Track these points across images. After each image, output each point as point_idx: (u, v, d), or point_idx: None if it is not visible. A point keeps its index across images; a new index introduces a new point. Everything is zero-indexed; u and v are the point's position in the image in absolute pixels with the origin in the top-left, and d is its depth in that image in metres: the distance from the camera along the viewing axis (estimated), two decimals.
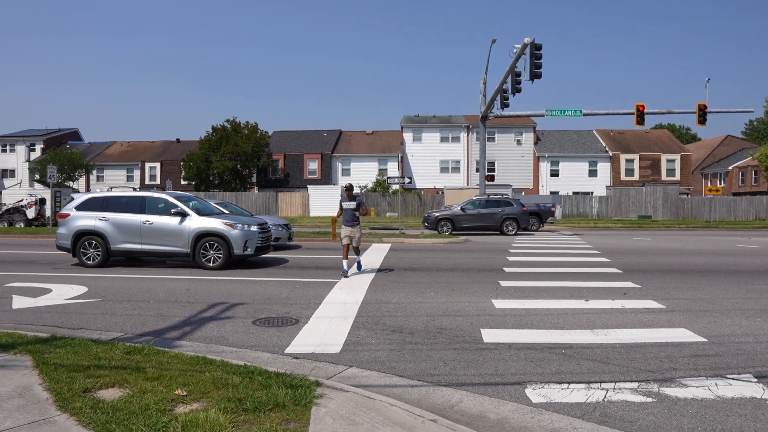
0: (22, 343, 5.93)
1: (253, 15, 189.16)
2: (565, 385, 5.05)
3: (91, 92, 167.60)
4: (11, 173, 59.80)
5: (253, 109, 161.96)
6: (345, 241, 11.76)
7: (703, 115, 29.91)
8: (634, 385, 5.05)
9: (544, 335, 6.84)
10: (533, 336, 6.80)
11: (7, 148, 60.24)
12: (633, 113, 30.09)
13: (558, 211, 42.97)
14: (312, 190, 45.44)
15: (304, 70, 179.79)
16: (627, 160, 51.51)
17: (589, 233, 27.20)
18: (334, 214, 45.14)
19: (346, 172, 52.73)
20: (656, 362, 5.73)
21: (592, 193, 49.48)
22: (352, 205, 11.89)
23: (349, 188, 12.18)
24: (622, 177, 51.19)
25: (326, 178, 51.84)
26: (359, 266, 12.31)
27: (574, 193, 49.49)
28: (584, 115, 31.18)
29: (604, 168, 51.81)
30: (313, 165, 52.36)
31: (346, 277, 11.33)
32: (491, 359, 5.89)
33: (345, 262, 11.74)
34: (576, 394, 4.85)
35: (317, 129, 58.79)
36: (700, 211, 43.05)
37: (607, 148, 52.25)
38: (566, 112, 31.21)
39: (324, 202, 44.57)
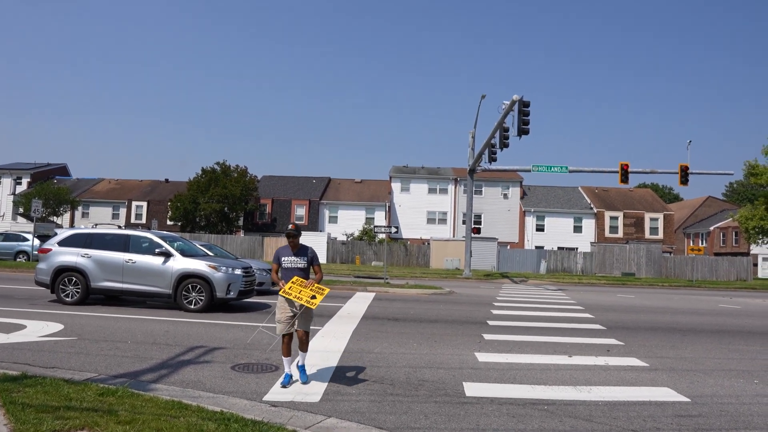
0: None
1: (247, 60, 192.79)
2: None
3: (82, 128, 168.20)
4: None
5: (243, 153, 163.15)
6: (282, 327, 6.54)
7: (685, 175, 30.61)
8: None
9: (527, 390, 6.76)
10: (516, 391, 6.72)
11: None
12: (617, 171, 30.72)
13: (542, 266, 43.14)
14: None
15: (295, 116, 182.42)
16: (611, 218, 52.20)
17: (573, 289, 27.25)
18: (322, 260, 45.60)
19: (333, 220, 52.82)
20: (639, 421, 5.66)
21: (577, 249, 49.87)
22: (300, 262, 6.70)
23: (293, 234, 6.69)
24: (607, 234, 51.75)
25: (313, 224, 51.84)
26: (303, 372, 6.69)
27: (559, 248, 49.84)
28: (570, 171, 31.79)
29: (588, 224, 52.40)
30: (300, 211, 52.43)
31: (284, 387, 6.39)
32: (473, 413, 5.79)
33: (286, 362, 6.59)
34: None
35: (306, 175, 59.20)
36: (682, 270, 43.45)
37: (592, 205, 52.98)
38: (552, 168, 31.80)
39: None
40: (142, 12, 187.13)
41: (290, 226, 6.71)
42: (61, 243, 13.63)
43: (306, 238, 44.56)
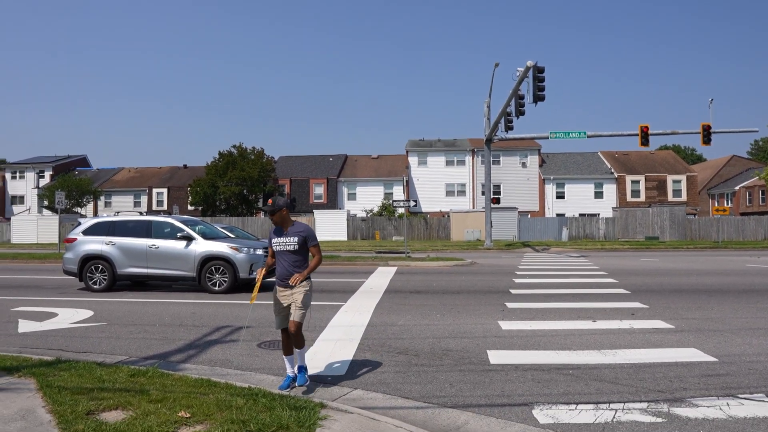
0: (27, 366, 5.91)
1: (259, 41, 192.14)
2: (573, 406, 4.98)
3: (100, 119, 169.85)
4: (20, 200, 60.31)
5: (259, 134, 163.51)
6: (278, 321, 5.70)
7: (707, 135, 29.96)
8: (644, 405, 4.97)
9: (552, 356, 6.77)
10: (540, 357, 6.73)
11: (17, 175, 60.86)
12: (637, 134, 30.17)
13: (564, 234, 42.84)
14: (318, 214, 45.52)
15: (310, 95, 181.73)
16: (633, 182, 51.46)
17: (596, 255, 27.05)
18: (342, 237, 45.97)
19: (352, 197, 52.88)
20: (666, 382, 5.65)
21: (599, 214, 49.35)
22: (289, 244, 5.59)
23: (269, 210, 5.63)
24: (628, 198, 51.09)
25: (332, 202, 51.98)
26: (302, 374, 5.56)
27: (580, 215, 49.36)
28: (588, 136, 31.31)
29: (609, 189, 51.76)
30: (319, 189, 52.56)
31: (285, 389, 5.36)
32: (498, 380, 5.82)
33: (287, 361, 5.60)
34: (584, 414, 4.77)
35: (323, 154, 59.16)
36: (707, 232, 42.82)
37: (612, 170, 52.26)
38: (570, 134, 31.35)
39: (330, 226, 44.61)
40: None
41: (268, 201, 5.65)
42: (86, 232, 13.85)
43: (326, 216, 44.81)
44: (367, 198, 52.18)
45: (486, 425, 4.59)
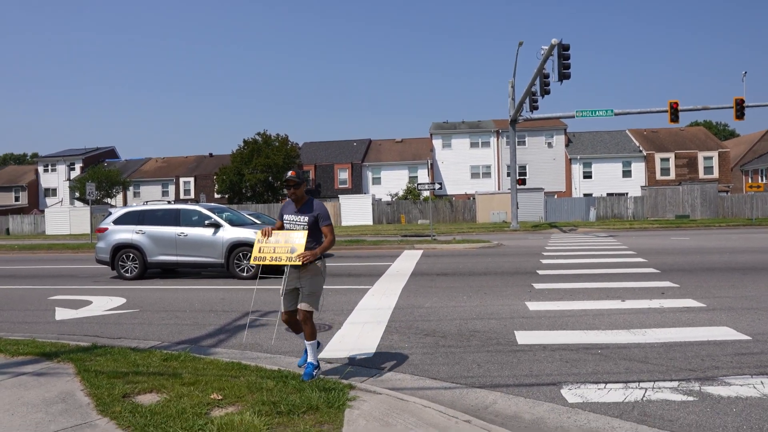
0: (65, 352, 6.10)
1: (282, 28, 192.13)
2: (602, 385, 4.95)
3: (127, 111, 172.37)
4: (53, 192, 61.74)
5: (283, 121, 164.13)
6: (286, 304, 5.34)
7: (740, 109, 29.15)
8: (674, 384, 4.92)
9: (580, 336, 6.73)
10: (568, 337, 6.69)
11: (49, 168, 62.27)
12: (666, 111, 29.49)
13: (592, 214, 42.29)
14: (343, 199, 45.69)
15: (332, 80, 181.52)
16: (662, 159, 50.45)
17: (625, 234, 26.67)
18: (368, 221, 46.09)
19: (377, 181, 52.90)
20: (697, 361, 5.57)
21: (627, 194, 48.55)
22: (302, 221, 5.29)
23: (293, 182, 5.21)
24: (658, 176, 50.14)
25: (357, 187, 52.08)
26: (309, 368, 5.08)
27: (608, 194, 48.61)
28: (616, 114, 30.73)
29: (638, 168, 50.83)
30: (343, 175, 52.69)
31: (300, 366, 5.38)
32: (525, 360, 5.82)
33: (306, 342, 5.23)
34: (613, 393, 4.75)
35: (347, 139, 59.22)
36: (741, 209, 41.84)
37: (640, 148, 51.27)
38: (597, 113, 30.80)
39: (355, 211, 44.78)
40: None
41: (289, 173, 5.22)
42: (116, 222, 14.13)
43: (351, 201, 44.93)
44: (391, 182, 52.15)
45: (514, 404, 4.60)
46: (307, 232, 5.20)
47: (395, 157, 54.05)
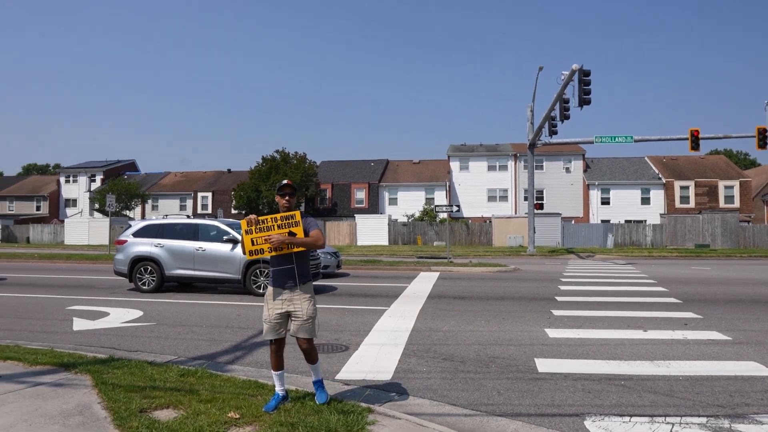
0: (82, 363, 6.09)
1: (301, 47, 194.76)
2: (626, 418, 4.81)
3: (148, 125, 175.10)
4: (73, 203, 62.53)
5: (301, 139, 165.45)
6: (268, 332, 4.84)
7: (763, 138, 28.85)
8: (703, 420, 4.77)
9: (602, 366, 6.58)
10: (590, 366, 6.56)
11: (70, 179, 63.17)
12: (687, 138, 29.29)
13: (610, 240, 41.86)
14: (359, 219, 45.72)
15: (350, 100, 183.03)
16: (681, 187, 49.92)
17: (644, 262, 26.31)
18: (383, 241, 46.03)
19: (393, 201, 52.91)
20: (725, 396, 5.41)
21: (645, 221, 48.03)
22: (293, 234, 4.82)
23: (289, 191, 4.92)
24: (677, 204, 49.58)
25: (373, 207, 52.12)
26: (320, 390, 4.87)
27: (626, 221, 48.13)
28: (635, 141, 30.57)
29: (657, 195, 50.33)
30: (360, 194, 52.79)
31: (271, 410, 4.56)
32: (547, 389, 5.69)
33: (276, 378, 4.85)
34: (639, 427, 4.61)
35: (364, 159, 59.43)
36: (762, 240, 41.17)
37: (660, 175, 50.82)
38: (617, 139, 30.65)
39: (371, 231, 44.77)
40: (199, 4, 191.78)
41: (285, 181, 4.95)
42: (136, 234, 14.23)
43: (367, 221, 44.92)
44: (408, 203, 52.12)
45: None
46: (298, 212, 4.81)
47: (412, 178, 54.10)
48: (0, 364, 6.19)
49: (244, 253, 4.88)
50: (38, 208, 62.43)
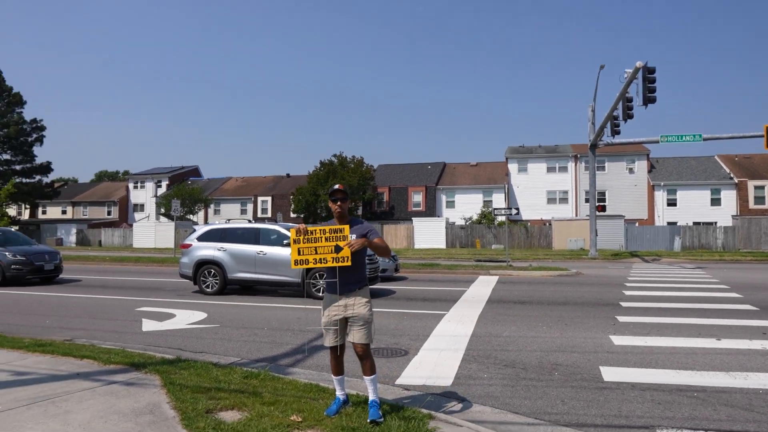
0: (151, 364, 6.32)
1: (359, 51, 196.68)
2: None
3: (210, 132, 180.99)
4: (141, 207, 65.22)
5: (359, 143, 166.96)
6: (332, 338, 4.81)
7: None
8: None
9: (672, 376, 6.30)
10: (659, 376, 6.29)
11: (138, 184, 65.93)
12: (763, 135, 27.74)
13: (677, 243, 40.19)
14: (417, 222, 45.65)
15: (409, 103, 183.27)
16: (756, 187, 47.35)
17: (715, 266, 25.09)
18: (441, 245, 45.86)
19: (451, 204, 52.57)
20: None
21: (716, 223, 45.84)
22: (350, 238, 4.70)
23: (341, 195, 4.81)
24: (751, 205, 47.05)
25: (430, 210, 51.95)
26: (374, 408, 4.53)
27: (695, 223, 46.07)
28: (704, 139, 29.21)
29: (728, 196, 47.94)
30: (417, 197, 52.72)
31: (332, 414, 4.59)
32: (614, 399, 5.50)
33: (336, 382, 4.89)
34: None
35: (421, 162, 59.33)
36: None
37: (731, 175, 48.40)
38: (684, 138, 29.38)
39: (429, 234, 44.60)
40: (263, 11, 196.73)
41: (337, 185, 4.81)
42: (200, 238, 14.69)
43: (424, 224, 44.80)
44: (465, 206, 51.65)
45: None
46: (347, 227, 4.68)
47: (470, 180, 53.61)
48: (78, 362, 6.51)
49: (291, 262, 4.81)
50: (109, 213, 65.42)
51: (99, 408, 4.82)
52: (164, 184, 64.11)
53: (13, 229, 22.79)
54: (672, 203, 48.94)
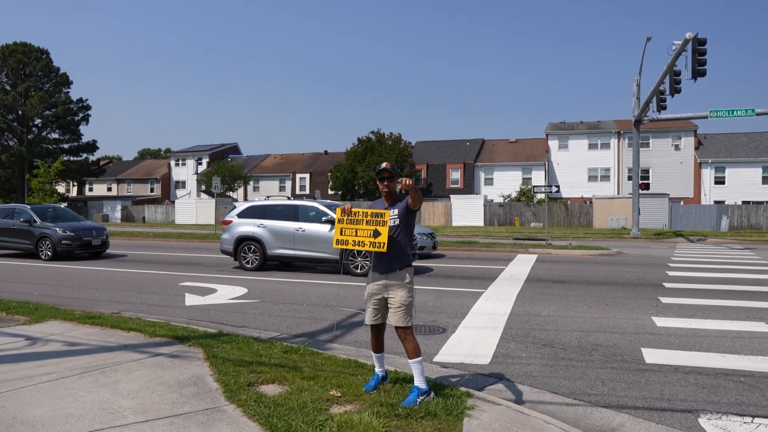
0: (195, 337, 6.49)
1: (399, 30, 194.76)
2: (748, 419, 4.47)
3: (250, 109, 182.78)
4: (182, 184, 66.60)
5: (397, 120, 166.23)
6: (371, 316, 4.76)
7: None
8: None
9: (717, 359, 6.14)
10: (703, 359, 6.14)
11: (180, 162, 67.24)
12: None
13: (724, 223, 38.95)
14: (455, 199, 45.39)
15: (447, 80, 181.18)
16: None
17: (764, 248, 24.23)
18: (479, 222, 45.47)
19: (489, 182, 52.05)
20: None
21: (766, 202, 44.19)
22: (393, 213, 4.73)
23: (388, 174, 4.74)
24: None
25: (469, 187, 51.55)
26: (414, 394, 4.41)
27: (744, 202, 44.49)
28: (758, 114, 28.00)
29: None
30: (455, 174, 52.35)
31: (371, 390, 4.64)
32: (655, 382, 5.40)
33: (376, 359, 4.92)
34: (763, 429, 4.26)
35: (460, 138, 58.81)
36: None
37: None
38: (735, 113, 28.23)
39: (467, 211, 44.31)
40: None
41: (384, 164, 4.72)
42: (240, 215, 14.93)
43: (462, 201, 44.50)
44: (504, 183, 51.05)
45: (645, 429, 4.27)
46: (389, 212, 4.66)
47: (509, 157, 52.88)
48: (126, 334, 6.74)
49: (334, 241, 4.89)
50: (152, 190, 67.08)
51: (146, 379, 4.99)
52: (204, 161, 65.20)
53: (62, 206, 23.59)
54: (720, 181, 47.36)
